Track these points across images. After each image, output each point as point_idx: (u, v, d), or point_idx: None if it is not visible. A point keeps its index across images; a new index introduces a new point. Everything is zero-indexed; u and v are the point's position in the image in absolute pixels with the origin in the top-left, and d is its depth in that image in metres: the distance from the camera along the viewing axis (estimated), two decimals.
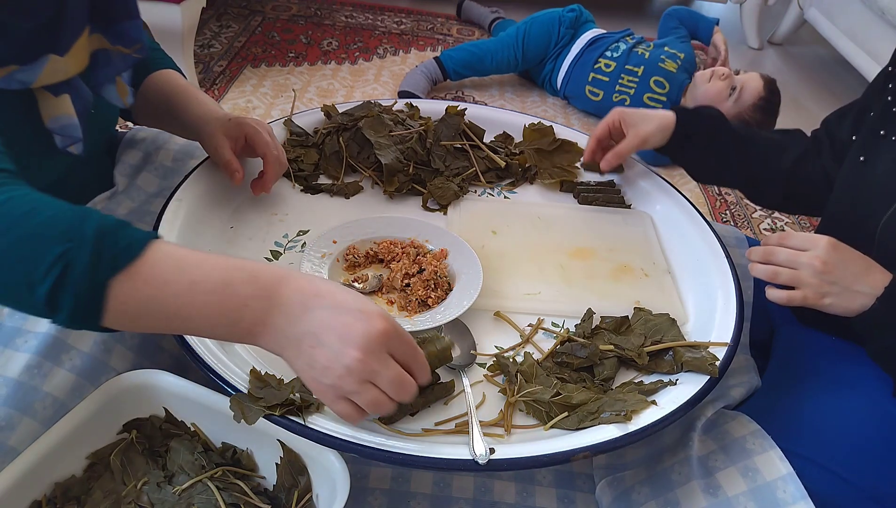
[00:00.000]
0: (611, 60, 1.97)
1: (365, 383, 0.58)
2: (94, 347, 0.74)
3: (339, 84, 2.06)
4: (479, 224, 1.00)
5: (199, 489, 0.72)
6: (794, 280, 0.76)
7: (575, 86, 2.02)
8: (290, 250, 0.91)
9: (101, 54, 0.76)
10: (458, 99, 2.06)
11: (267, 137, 0.90)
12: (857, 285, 0.75)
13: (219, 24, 2.31)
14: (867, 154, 0.85)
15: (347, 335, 0.57)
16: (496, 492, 0.89)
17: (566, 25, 2.05)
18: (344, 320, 0.57)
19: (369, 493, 0.88)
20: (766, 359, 0.93)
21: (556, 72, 2.06)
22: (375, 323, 0.57)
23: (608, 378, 0.77)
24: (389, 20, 2.52)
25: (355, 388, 0.58)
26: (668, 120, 1.01)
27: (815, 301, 0.76)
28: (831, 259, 0.75)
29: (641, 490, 0.79)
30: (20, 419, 0.68)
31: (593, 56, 1.99)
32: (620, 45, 2.00)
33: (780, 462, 0.72)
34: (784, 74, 2.61)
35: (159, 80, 0.92)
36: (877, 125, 0.85)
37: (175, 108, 0.91)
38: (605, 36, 2.04)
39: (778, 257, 0.78)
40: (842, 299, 0.75)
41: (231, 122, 0.89)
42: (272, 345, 0.59)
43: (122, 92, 0.81)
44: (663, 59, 1.95)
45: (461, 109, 1.14)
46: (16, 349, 0.71)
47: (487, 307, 0.86)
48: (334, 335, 0.57)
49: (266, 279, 0.58)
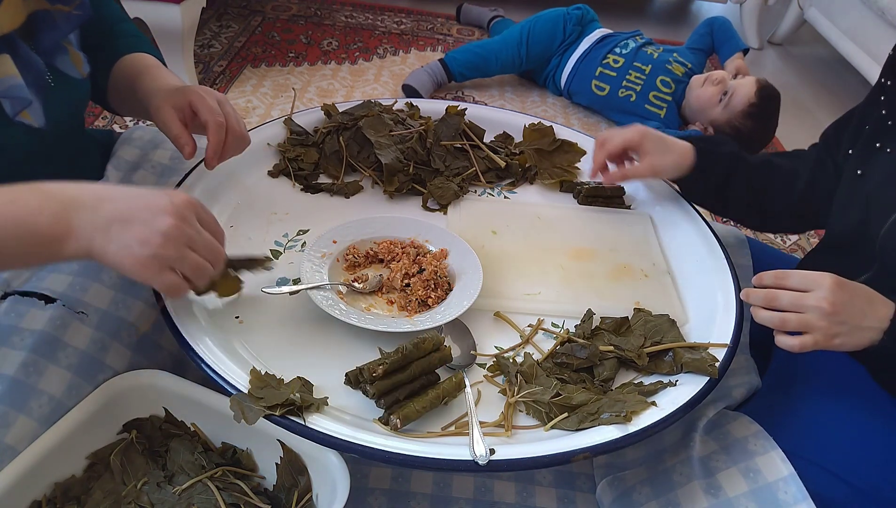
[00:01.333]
0: (619, 56, 1.98)
1: (184, 248, 0.62)
2: (91, 345, 0.74)
3: (339, 84, 2.06)
4: (479, 224, 1.00)
5: (199, 489, 0.72)
6: (803, 326, 0.73)
7: (581, 81, 2.02)
8: (290, 249, 0.91)
9: (41, 16, 0.74)
10: (459, 99, 2.06)
11: (211, 103, 0.82)
12: (865, 322, 0.73)
13: (219, 24, 2.31)
14: (864, 167, 0.85)
15: (157, 207, 0.61)
16: (496, 492, 0.89)
17: (573, 23, 2.06)
18: (147, 197, 0.61)
19: (369, 493, 0.88)
20: (767, 360, 0.93)
21: (562, 67, 2.06)
22: (177, 194, 0.62)
23: (608, 379, 0.77)
24: (389, 20, 2.52)
25: (177, 253, 0.61)
26: (685, 158, 0.96)
27: (825, 343, 0.73)
28: (838, 299, 0.72)
29: (642, 491, 0.79)
30: (16, 417, 0.68)
31: (602, 52, 2.00)
32: (630, 43, 2.01)
33: (782, 462, 0.72)
34: (784, 74, 2.61)
35: (127, 61, 0.89)
36: (872, 138, 0.85)
37: (134, 87, 0.87)
38: (615, 35, 2.06)
39: (782, 302, 0.74)
40: (851, 337, 0.73)
41: (177, 90, 0.83)
42: (79, 245, 0.60)
43: (76, 61, 0.79)
44: (671, 61, 1.96)
45: (461, 109, 1.14)
46: (11, 347, 0.71)
47: (487, 307, 0.86)
48: (143, 211, 0.60)
49: (51, 188, 0.60)
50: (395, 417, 0.68)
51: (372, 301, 0.84)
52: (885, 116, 0.84)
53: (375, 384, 0.69)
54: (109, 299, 0.78)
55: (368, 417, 0.70)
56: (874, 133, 0.85)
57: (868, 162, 0.85)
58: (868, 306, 0.73)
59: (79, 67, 0.80)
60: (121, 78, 0.89)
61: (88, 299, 0.77)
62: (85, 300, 0.76)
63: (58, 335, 0.73)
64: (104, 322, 0.76)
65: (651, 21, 2.93)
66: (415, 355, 0.72)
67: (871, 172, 0.84)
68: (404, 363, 0.71)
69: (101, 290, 0.78)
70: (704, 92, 1.86)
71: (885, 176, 0.82)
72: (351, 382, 0.72)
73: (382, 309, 0.84)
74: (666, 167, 0.96)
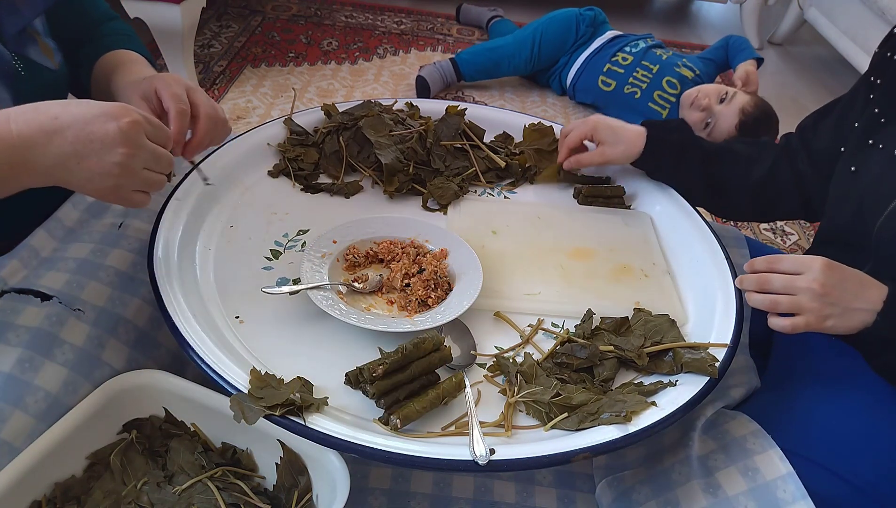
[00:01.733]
0: (628, 54, 2.00)
1: (141, 171, 0.65)
2: (87, 342, 0.74)
3: (339, 84, 2.06)
4: (479, 224, 1.00)
5: (198, 489, 0.72)
6: (794, 307, 0.75)
7: (588, 77, 2.04)
8: (289, 249, 0.91)
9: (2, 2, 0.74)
10: (458, 99, 2.06)
11: (176, 90, 0.78)
12: (857, 303, 0.74)
13: (219, 24, 2.31)
14: (857, 164, 0.86)
15: (106, 139, 0.62)
16: (496, 492, 0.90)
17: (586, 24, 2.07)
18: (94, 127, 0.62)
19: (369, 493, 0.88)
20: (766, 359, 0.93)
21: (570, 65, 2.07)
22: (124, 116, 0.63)
23: (608, 379, 0.77)
24: (389, 20, 2.52)
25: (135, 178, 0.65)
26: (634, 146, 1.02)
27: (817, 325, 0.74)
28: (829, 281, 0.74)
29: (642, 490, 0.79)
30: (11, 413, 0.68)
31: (612, 50, 2.02)
32: (640, 43, 2.03)
33: (780, 461, 0.72)
34: (784, 73, 2.61)
35: (108, 58, 0.89)
36: (864, 135, 0.86)
37: (110, 81, 0.86)
38: (626, 35, 2.07)
39: (774, 285, 0.76)
40: (843, 319, 0.74)
41: (144, 80, 0.80)
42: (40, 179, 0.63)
43: (46, 52, 0.79)
44: (679, 65, 1.96)
45: (461, 109, 1.14)
46: (7, 344, 0.71)
47: (487, 307, 0.86)
48: (93, 144, 0.62)
49: None
50: (395, 417, 0.69)
51: (372, 301, 0.85)
52: (878, 113, 0.84)
53: (375, 384, 0.69)
54: (106, 297, 0.78)
55: (368, 417, 0.71)
56: (866, 130, 0.86)
57: (861, 158, 0.85)
58: (860, 289, 0.74)
59: (50, 57, 0.80)
60: (101, 75, 0.89)
61: (85, 296, 0.77)
62: (82, 297, 0.76)
63: (54, 332, 0.73)
64: (101, 319, 0.77)
65: (651, 21, 2.93)
66: (415, 355, 0.72)
67: (865, 169, 0.84)
68: (404, 363, 0.71)
69: (97, 287, 0.78)
70: (689, 116, 1.84)
71: (878, 172, 0.82)
72: (351, 382, 0.72)
73: (382, 309, 0.84)
74: (616, 155, 1.03)
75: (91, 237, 0.84)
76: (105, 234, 0.85)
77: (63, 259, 0.80)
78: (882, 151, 0.83)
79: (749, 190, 1.00)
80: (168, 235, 0.84)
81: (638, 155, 1.02)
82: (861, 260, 0.82)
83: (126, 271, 0.82)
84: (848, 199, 0.86)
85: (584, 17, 2.07)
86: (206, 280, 0.84)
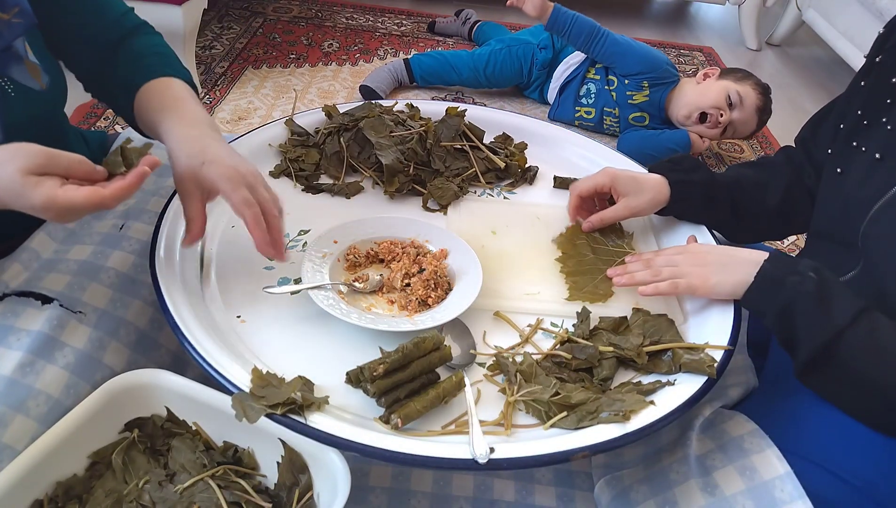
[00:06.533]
0: (590, 107, 1.95)
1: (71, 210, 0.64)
2: (88, 344, 0.74)
3: (340, 85, 2.07)
4: (479, 224, 1.00)
5: (200, 487, 0.72)
6: (675, 274, 0.83)
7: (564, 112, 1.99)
8: (290, 249, 0.91)
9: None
10: (458, 100, 2.06)
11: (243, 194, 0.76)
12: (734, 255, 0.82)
13: (220, 26, 2.32)
14: (843, 165, 0.86)
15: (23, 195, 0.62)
16: (496, 491, 0.90)
17: (539, 67, 2.01)
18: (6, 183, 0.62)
19: (370, 491, 0.88)
20: (764, 359, 0.93)
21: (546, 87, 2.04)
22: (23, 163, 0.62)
23: (607, 378, 0.78)
24: (390, 22, 2.53)
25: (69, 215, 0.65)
26: (660, 194, 0.95)
27: (702, 285, 0.82)
28: (701, 250, 0.86)
29: (640, 489, 0.79)
30: (13, 417, 0.68)
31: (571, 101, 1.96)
32: (590, 87, 1.94)
33: (778, 461, 0.72)
34: (782, 75, 2.61)
35: (152, 91, 0.85)
36: (849, 137, 0.86)
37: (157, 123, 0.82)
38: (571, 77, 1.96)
39: (657, 262, 0.86)
40: (725, 273, 0.81)
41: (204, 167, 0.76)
42: None
43: (33, 72, 0.78)
44: (630, 95, 1.89)
45: (461, 110, 1.15)
46: (8, 347, 0.71)
47: (487, 307, 0.86)
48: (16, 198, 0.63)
49: None
50: (395, 416, 0.69)
51: (372, 301, 0.85)
52: (861, 116, 0.85)
53: (376, 383, 0.70)
54: (108, 299, 0.79)
55: (369, 416, 0.71)
56: (850, 133, 0.86)
57: (846, 161, 0.86)
58: (734, 251, 0.83)
59: (37, 77, 0.78)
60: (145, 109, 0.84)
61: (87, 298, 0.77)
62: (83, 300, 0.77)
63: (55, 335, 0.73)
64: (102, 321, 0.77)
65: (650, 21, 2.93)
66: (415, 354, 0.72)
67: (850, 171, 0.85)
68: (405, 363, 0.72)
69: (99, 289, 0.79)
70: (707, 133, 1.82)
71: (861, 175, 0.83)
72: (352, 381, 0.73)
73: (383, 309, 0.84)
74: (643, 206, 0.95)
75: (92, 239, 0.85)
76: (106, 235, 0.86)
77: (64, 261, 0.81)
78: (864, 153, 0.83)
79: (769, 215, 0.98)
80: (169, 235, 0.85)
81: (665, 202, 0.96)
82: (848, 263, 0.82)
83: (127, 273, 0.82)
84: (833, 202, 0.87)
85: (537, 59, 2.00)
86: (208, 280, 0.84)
